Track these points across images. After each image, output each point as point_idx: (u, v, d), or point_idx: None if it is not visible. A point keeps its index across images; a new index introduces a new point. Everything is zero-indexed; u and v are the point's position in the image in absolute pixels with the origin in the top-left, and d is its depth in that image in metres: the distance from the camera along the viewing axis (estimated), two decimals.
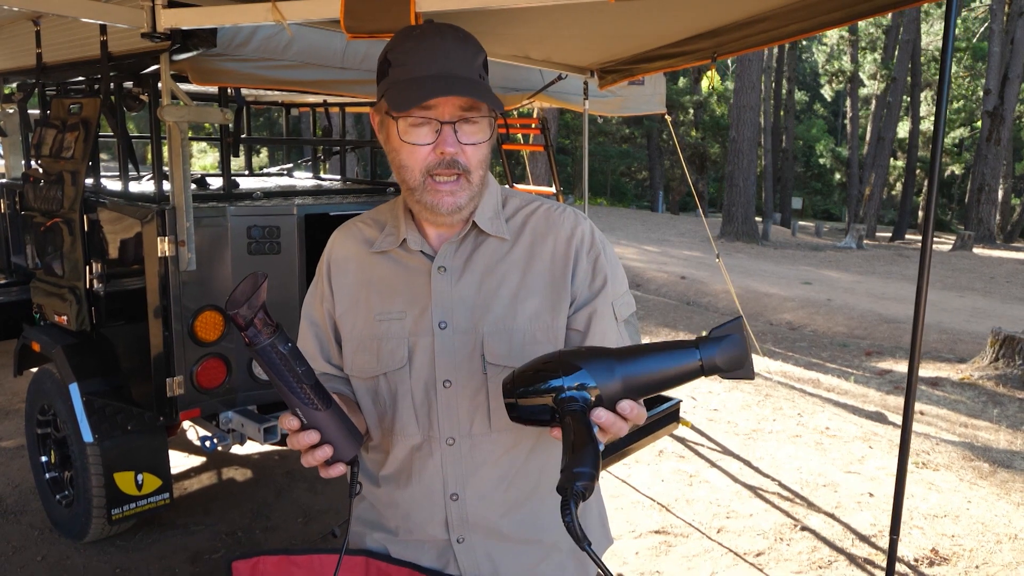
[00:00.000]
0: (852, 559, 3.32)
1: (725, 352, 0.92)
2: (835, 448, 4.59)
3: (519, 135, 5.28)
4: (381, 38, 2.39)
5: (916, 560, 3.32)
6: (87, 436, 2.81)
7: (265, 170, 5.11)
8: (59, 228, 2.98)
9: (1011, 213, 26.08)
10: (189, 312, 2.62)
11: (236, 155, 3.04)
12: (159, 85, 2.52)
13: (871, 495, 3.93)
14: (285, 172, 4.67)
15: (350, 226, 1.31)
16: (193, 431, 4.28)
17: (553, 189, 4.97)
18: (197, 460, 4.07)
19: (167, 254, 2.53)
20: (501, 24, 2.66)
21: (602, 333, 1.22)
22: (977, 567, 3.27)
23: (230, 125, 2.87)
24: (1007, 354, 7.74)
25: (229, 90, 3.05)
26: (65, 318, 3.03)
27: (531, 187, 5.28)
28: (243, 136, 3.31)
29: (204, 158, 29.49)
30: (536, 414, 0.98)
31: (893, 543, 2.29)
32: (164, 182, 2.72)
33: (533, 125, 4.87)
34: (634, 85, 4.46)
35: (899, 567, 3.28)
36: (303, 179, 4.41)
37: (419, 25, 1.14)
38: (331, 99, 4.13)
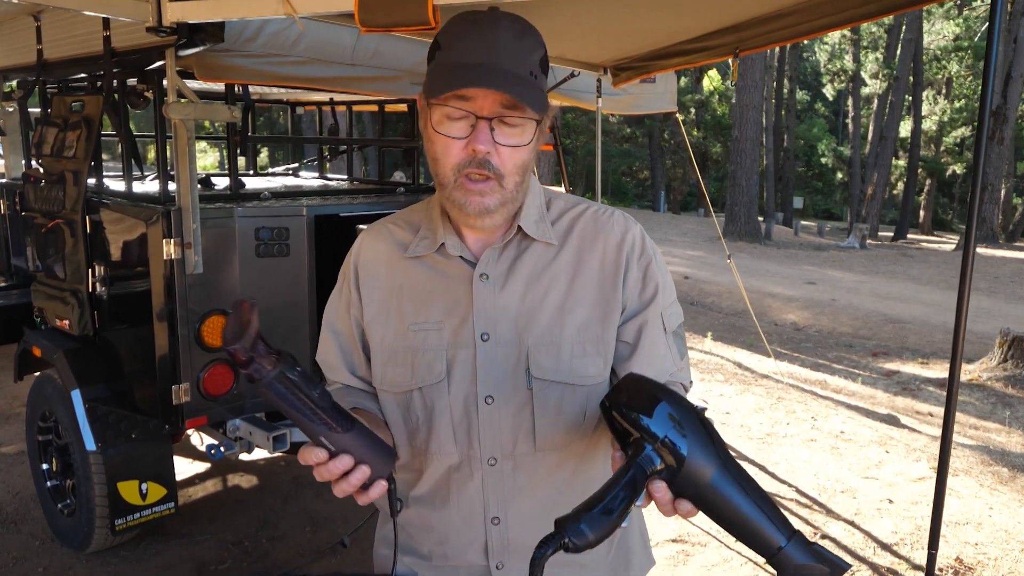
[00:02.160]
0: (875, 568, 3.24)
1: (802, 570, 0.83)
2: (851, 453, 4.50)
3: None
4: (396, 32, 2.30)
5: (940, 570, 3.23)
6: (90, 444, 2.72)
7: (270, 170, 5.02)
8: (60, 229, 2.90)
9: (1013, 213, 26.03)
10: (196, 317, 2.53)
11: (244, 154, 2.95)
12: (164, 82, 2.43)
13: (891, 501, 3.84)
14: (290, 172, 4.58)
15: (380, 228, 1.21)
16: (198, 437, 4.19)
17: (563, 189, 4.88)
18: (201, 466, 3.98)
19: (173, 256, 2.44)
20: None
21: (651, 346, 1.14)
22: (1004, 575, 3.19)
23: (237, 124, 2.78)
24: (1016, 355, 7.67)
25: (236, 87, 2.97)
26: (67, 322, 2.94)
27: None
28: (250, 135, 3.22)
29: (204, 158, 29.38)
30: (616, 431, 0.89)
31: (932, 557, 2.20)
32: (169, 182, 2.63)
33: None
34: (646, 83, 4.37)
35: None
36: (309, 179, 4.33)
37: (478, 11, 1.05)
38: (338, 97, 4.05)
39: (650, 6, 2.69)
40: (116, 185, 3.17)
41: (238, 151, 2.87)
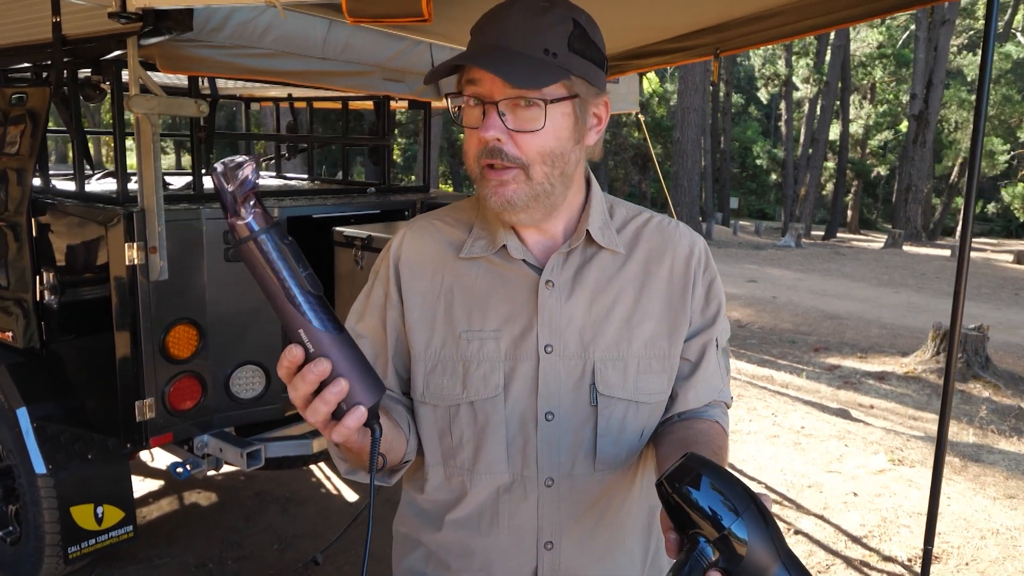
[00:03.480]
0: (848, 562, 3.29)
1: None
2: (813, 448, 4.59)
3: None
4: (386, 23, 2.19)
5: (910, 560, 3.31)
6: (39, 467, 2.51)
7: None
8: (2, 233, 2.66)
9: (933, 212, 27.33)
10: (160, 327, 2.36)
11: (211, 152, 2.78)
12: (123, 73, 2.25)
13: (855, 495, 3.92)
14: None
15: (426, 225, 1.11)
16: (148, 454, 3.95)
17: None
18: (153, 484, 3.75)
19: (136, 262, 2.26)
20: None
21: (710, 365, 1.09)
22: (967, 564, 3.28)
23: (202, 119, 2.61)
24: (947, 348, 8.00)
25: (200, 80, 2.79)
26: (10, 334, 2.70)
27: None
28: (218, 131, 3.04)
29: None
30: (676, 516, 0.81)
31: (927, 552, 2.22)
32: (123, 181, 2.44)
33: None
34: (610, 83, 4.34)
35: (893, 568, 3.26)
36: (266, 178, 4.13)
37: None
38: (297, 93, 3.88)
39: (630, 4, 2.64)
40: (65, 185, 2.94)
41: (203, 149, 2.69)
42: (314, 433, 2.64)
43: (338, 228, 2.58)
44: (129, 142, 2.43)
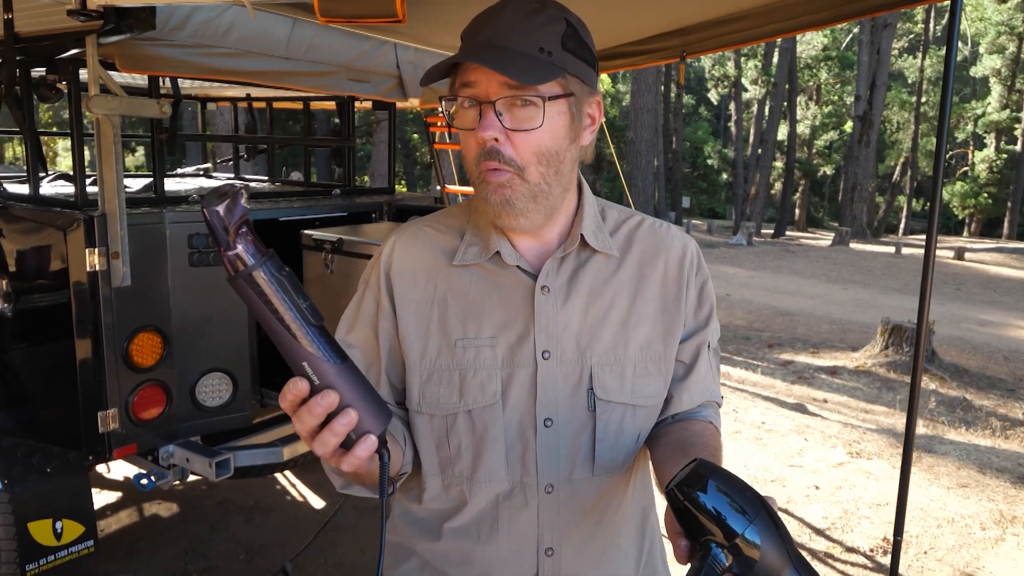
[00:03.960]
0: (813, 554, 3.37)
1: None
2: (774, 442, 4.69)
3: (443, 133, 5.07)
4: (359, 24, 2.16)
5: (871, 550, 3.41)
6: None
7: (179, 171, 4.65)
8: None
9: (877, 210, 28.23)
10: (123, 335, 2.28)
11: (172, 154, 2.69)
12: (82, 73, 2.17)
13: (816, 488, 4.02)
14: (202, 172, 4.26)
15: (415, 232, 1.09)
16: (106, 466, 3.82)
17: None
18: (111, 496, 3.63)
19: (97, 268, 2.18)
20: (466, 11, 2.47)
21: (703, 366, 1.10)
22: (926, 552, 3.39)
23: (164, 121, 2.53)
24: (895, 342, 8.29)
25: (161, 80, 2.71)
26: None
27: (467, 188, 5.10)
28: (180, 133, 2.94)
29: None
30: (687, 522, 0.82)
31: (897, 543, 2.29)
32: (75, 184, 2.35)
33: None
34: None
35: (856, 558, 3.35)
36: (225, 181, 4.03)
37: None
38: (256, 93, 3.80)
39: (596, 6, 2.65)
40: (17, 188, 2.82)
41: (165, 151, 2.61)
42: (284, 440, 2.59)
43: (307, 231, 2.53)
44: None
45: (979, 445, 5.01)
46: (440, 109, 1.01)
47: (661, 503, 0.86)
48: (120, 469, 3.70)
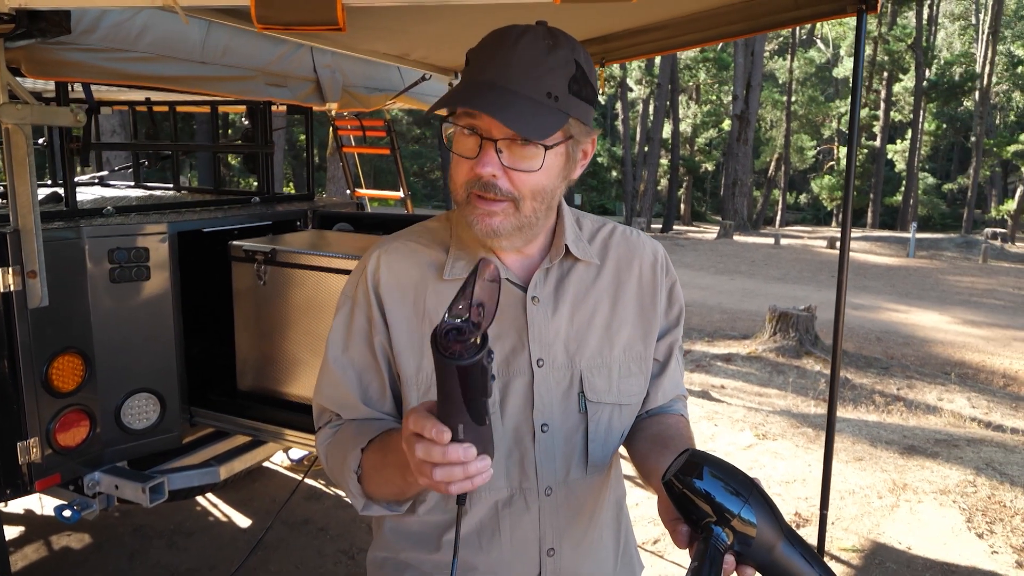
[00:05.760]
0: None
1: None
2: None
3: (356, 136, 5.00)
4: (297, 31, 2.11)
5: None
6: None
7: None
8: None
9: (755, 204, 29.97)
10: (42, 358, 2.13)
11: (86, 164, 2.52)
12: None
13: None
14: (96, 181, 4.00)
15: (400, 247, 1.10)
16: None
17: (401, 193, 4.78)
18: (14, 531, 3.35)
19: (12, 288, 2.03)
20: (411, 21, 2.47)
21: (674, 363, 1.19)
22: (833, 523, 3.67)
23: (75, 130, 2.36)
24: (782, 328, 8.87)
25: (70, 86, 2.53)
26: None
27: (377, 192, 5.03)
28: (94, 142, 2.75)
29: None
30: (685, 509, 0.88)
31: (823, 516, 2.48)
32: None
33: (380, 127, 4.63)
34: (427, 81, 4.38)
35: None
36: (124, 189, 3.80)
37: (515, 25, 0.98)
38: (155, 96, 3.61)
39: (512, 14, 2.71)
40: None
41: (77, 161, 2.45)
42: (219, 459, 2.50)
43: (235, 242, 2.45)
44: None
45: (867, 420, 5.46)
46: (442, 132, 1.03)
47: (633, 494, 0.91)
48: (23, 501, 3.44)
